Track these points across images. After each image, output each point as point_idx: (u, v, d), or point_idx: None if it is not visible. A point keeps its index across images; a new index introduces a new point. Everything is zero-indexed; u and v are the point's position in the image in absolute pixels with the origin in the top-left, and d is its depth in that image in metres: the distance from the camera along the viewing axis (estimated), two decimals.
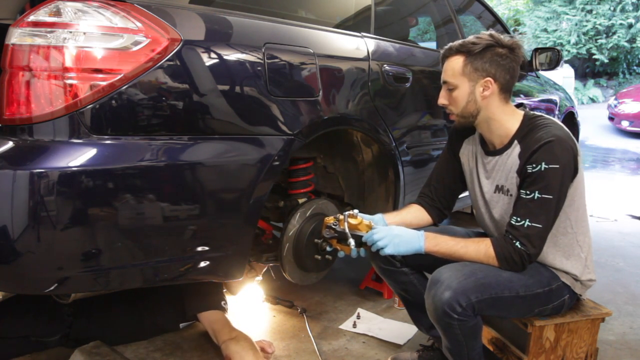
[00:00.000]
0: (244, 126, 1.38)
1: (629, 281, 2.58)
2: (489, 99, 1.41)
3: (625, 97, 8.67)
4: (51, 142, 1.13)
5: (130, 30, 1.18)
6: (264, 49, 1.42)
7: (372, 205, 2.05)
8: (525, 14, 12.97)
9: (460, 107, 1.43)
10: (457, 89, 1.42)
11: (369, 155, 1.97)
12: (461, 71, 1.40)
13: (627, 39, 10.94)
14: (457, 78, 1.41)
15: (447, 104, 1.46)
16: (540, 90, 3.49)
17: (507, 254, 1.35)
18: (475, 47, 1.38)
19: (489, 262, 1.37)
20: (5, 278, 1.19)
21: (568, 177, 1.35)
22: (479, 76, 1.39)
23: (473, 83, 1.40)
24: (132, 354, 1.76)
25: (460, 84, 1.41)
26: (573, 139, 1.37)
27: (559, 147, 1.31)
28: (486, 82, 1.39)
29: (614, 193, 4.84)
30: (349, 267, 2.65)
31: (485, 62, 1.38)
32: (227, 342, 1.67)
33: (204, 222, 1.33)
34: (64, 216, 1.13)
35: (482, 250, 1.38)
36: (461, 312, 1.29)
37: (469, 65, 1.39)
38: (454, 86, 1.42)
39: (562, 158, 1.31)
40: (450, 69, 1.42)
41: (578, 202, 1.42)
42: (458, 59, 1.41)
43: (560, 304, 1.45)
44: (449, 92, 1.44)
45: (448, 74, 1.43)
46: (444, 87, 1.46)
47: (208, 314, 1.80)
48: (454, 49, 1.42)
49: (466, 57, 1.39)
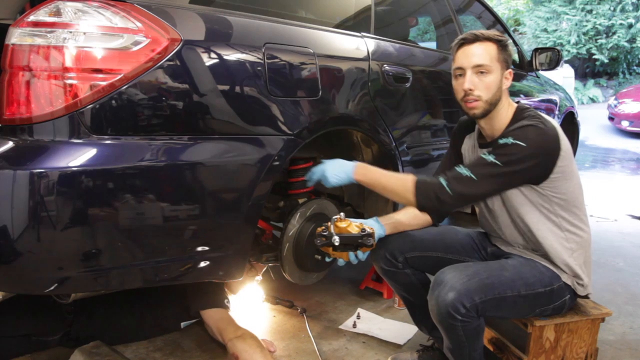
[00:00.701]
0: (244, 126, 1.38)
1: (629, 281, 2.58)
2: (505, 91, 1.45)
3: (625, 97, 8.67)
4: (51, 142, 1.13)
5: (130, 30, 1.18)
6: (264, 49, 1.42)
7: (372, 206, 2.05)
8: (525, 14, 12.97)
9: (491, 92, 1.40)
10: (492, 74, 1.40)
11: (369, 155, 1.97)
12: (497, 57, 1.41)
13: (627, 39, 10.94)
14: (494, 63, 1.40)
15: (473, 90, 1.41)
16: (540, 90, 3.49)
17: (426, 184, 1.39)
18: (503, 39, 1.43)
19: (406, 193, 1.41)
20: (5, 278, 1.19)
21: (531, 164, 1.33)
22: (505, 66, 1.43)
23: (502, 71, 1.43)
24: (132, 354, 1.76)
25: (495, 70, 1.41)
26: (558, 136, 1.36)
27: (535, 132, 1.33)
28: (509, 73, 1.44)
29: (614, 193, 4.84)
30: (349, 267, 2.63)
31: (508, 55, 1.43)
32: (234, 340, 1.66)
33: (204, 222, 1.33)
34: (64, 216, 1.13)
35: (405, 179, 1.44)
36: (465, 314, 1.28)
37: (501, 54, 1.42)
38: (489, 70, 1.40)
39: (533, 142, 1.32)
40: (486, 53, 1.40)
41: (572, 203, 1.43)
42: (492, 45, 1.41)
43: (561, 304, 1.45)
44: (480, 75, 1.40)
45: (484, 57, 1.40)
46: (472, 72, 1.41)
47: (212, 312, 1.80)
48: (484, 35, 1.41)
49: (498, 46, 1.42)
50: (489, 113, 1.43)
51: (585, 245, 1.47)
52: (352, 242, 1.43)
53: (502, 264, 1.43)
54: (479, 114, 1.43)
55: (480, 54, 1.40)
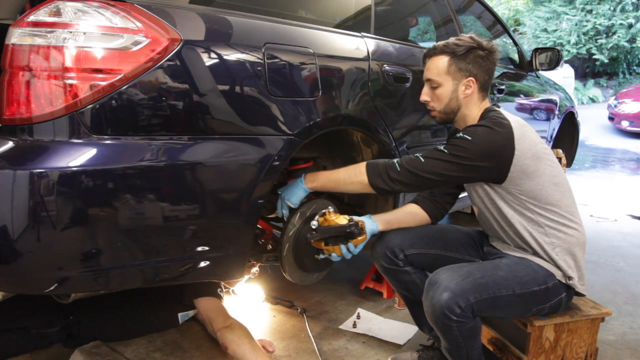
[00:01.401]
0: (244, 126, 1.38)
1: (629, 281, 2.58)
2: (469, 97, 1.50)
3: (625, 97, 8.67)
4: (51, 142, 1.13)
5: (130, 30, 1.18)
6: (264, 49, 1.42)
7: (372, 205, 2.05)
8: (525, 14, 12.97)
9: (443, 104, 1.52)
10: (441, 87, 1.50)
11: (369, 155, 1.97)
12: (446, 70, 1.49)
13: (627, 39, 10.94)
14: (442, 76, 1.49)
15: (429, 101, 1.54)
16: (540, 90, 3.49)
17: (377, 164, 1.48)
18: (459, 49, 1.47)
19: (359, 176, 1.49)
20: (5, 278, 1.19)
21: (481, 164, 1.38)
22: (462, 76, 1.48)
23: (456, 82, 1.49)
24: (132, 354, 1.76)
25: (444, 82, 1.49)
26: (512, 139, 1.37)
27: (485, 131, 1.39)
28: (468, 82, 1.48)
29: (614, 193, 4.84)
30: (349, 267, 2.65)
31: (469, 63, 1.48)
32: (223, 331, 1.69)
33: (204, 222, 1.33)
34: (64, 216, 1.13)
35: (356, 166, 1.52)
36: (460, 314, 1.29)
37: (453, 65, 1.48)
38: (438, 84, 1.50)
39: (481, 137, 1.38)
40: (435, 67, 1.50)
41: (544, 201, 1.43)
42: (443, 59, 1.49)
43: (557, 302, 1.46)
44: (432, 89, 1.53)
45: (433, 72, 1.51)
46: (426, 85, 1.54)
47: (204, 301, 1.82)
48: (438, 49, 1.50)
49: (451, 57, 1.48)
50: (451, 120, 1.55)
51: (572, 241, 1.46)
52: (340, 232, 1.49)
53: (496, 264, 1.44)
54: (438, 121, 1.57)
55: (430, 68, 1.52)
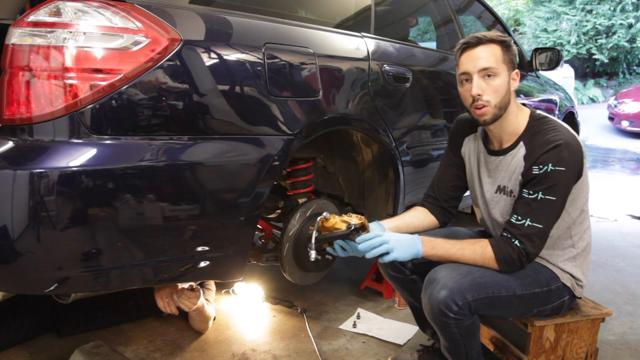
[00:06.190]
0: (244, 126, 1.38)
1: (629, 281, 2.58)
2: (513, 92, 1.41)
3: (625, 97, 8.67)
4: (51, 142, 1.13)
5: (130, 30, 1.18)
6: (264, 49, 1.42)
7: (372, 206, 2.05)
8: (525, 14, 12.96)
9: (500, 96, 1.36)
10: (499, 77, 1.36)
11: (369, 155, 1.97)
12: (502, 58, 1.36)
13: (627, 39, 10.93)
14: (500, 65, 1.36)
15: (482, 94, 1.36)
16: (540, 90, 3.49)
17: (505, 253, 1.34)
18: (506, 40, 1.38)
19: (487, 263, 1.36)
20: (5, 278, 1.19)
21: (572, 180, 1.35)
22: (511, 67, 1.38)
23: (509, 73, 1.38)
24: (132, 354, 1.76)
25: (502, 72, 1.36)
26: (580, 142, 1.36)
27: (566, 150, 1.31)
28: (516, 74, 1.40)
29: (614, 193, 4.84)
30: (349, 267, 2.65)
31: (513, 56, 1.39)
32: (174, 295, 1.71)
33: (204, 222, 1.33)
34: (64, 216, 1.12)
35: (478, 252, 1.36)
36: (457, 311, 1.29)
37: (506, 55, 1.37)
38: (496, 73, 1.35)
39: (569, 161, 1.31)
40: (492, 55, 1.35)
41: (580, 203, 1.42)
42: (496, 47, 1.37)
43: (559, 304, 1.45)
44: (487, 79, 1.36)
45: (490, 60, 1.35)
46: (478, 76, 1.36)
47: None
48: (487, 38, 1.37)
49: (502, 47, 1.37)
50: (499, 118, 1.39)
51: (589, 248, 1.47)
52: (339, 239, 1.39)
53: None
54: (489, 119, 1.38)
55: (486, 56, 1.35)
